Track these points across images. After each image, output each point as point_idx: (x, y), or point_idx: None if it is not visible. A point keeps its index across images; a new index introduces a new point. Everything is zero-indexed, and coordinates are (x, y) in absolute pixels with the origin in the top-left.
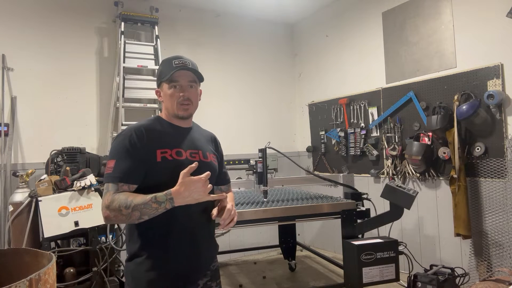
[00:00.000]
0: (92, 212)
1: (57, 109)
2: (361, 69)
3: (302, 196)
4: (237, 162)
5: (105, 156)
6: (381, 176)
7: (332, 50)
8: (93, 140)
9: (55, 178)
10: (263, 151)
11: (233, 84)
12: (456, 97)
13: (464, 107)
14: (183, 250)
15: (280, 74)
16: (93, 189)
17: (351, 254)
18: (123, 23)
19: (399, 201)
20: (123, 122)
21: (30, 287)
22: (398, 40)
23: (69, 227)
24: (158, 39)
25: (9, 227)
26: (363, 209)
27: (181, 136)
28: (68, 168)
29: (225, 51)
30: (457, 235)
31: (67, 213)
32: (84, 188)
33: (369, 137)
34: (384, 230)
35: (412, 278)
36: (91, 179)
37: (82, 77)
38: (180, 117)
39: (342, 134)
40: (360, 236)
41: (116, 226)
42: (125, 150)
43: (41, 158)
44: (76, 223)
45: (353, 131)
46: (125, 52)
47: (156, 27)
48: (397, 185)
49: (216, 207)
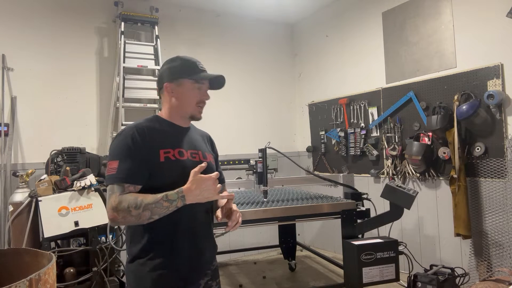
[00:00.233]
0: (92, 212)
1: (57, 109)
2: (361, 69)
3: (302, 196)
4: (237, 162)
5: (105, 156)
6: (381, 176)
7: (332, 50)
8: (93, 140)
9: (55, 178)
10: (263, 151)
11: (233, 84)
12: (456, 97)
13: (464, 107)
14: (186, 250)
15: (280, 74)
16: (93, 189)
17: (351, 254)
18: (123, 23)
19: (399, 201)
20: (123, 122)
21: (30, 287)
22: (398, 40)
23: (69, 227)
24: (158, 39)
25: (9, 227)
26: (363, 209)
27: (182, 135)
28: (68, 168)
29: (225, 51)
30: (457, 235)
31: (67, 213)
32: (84, 188)
33: (369, 137)
34: (384, 230)
35: (412, 278)
36: (91, 179)
37: (82, 77)
38: (194, 118)
39: (342, 134)
40: (360, 236)
41: (117, 227)
42: (128, 149)
43: (41, 158)
44: (76, 223)
45: (353, 131)
46: (125, 52)
47: (156, 27)
48: (397, 185)
49: (219, 209)
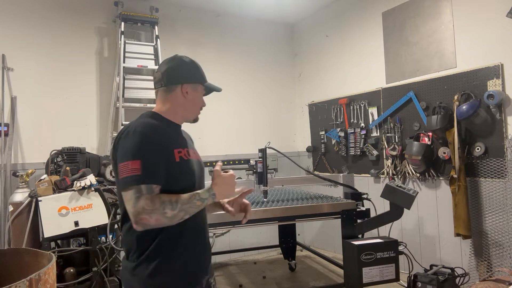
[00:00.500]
0: (92, 212)
1: (57, 109)
2: (361, 69)
3: (302, 196)
4: (237, 162)
5: (105, 156)
6: (381, 176)
7: (332, 50)
8: (93, 140)
9: (55, 178)
10: (263, 151)
11: (233, 84)
12: (456, 97)
13: (464, 107)
14: (196, 249)
15: (280, 74)
16: (93, 189)
17: (351, 254)
18: (123, 23)
19: (399, 201)
20: (123, 122)
21: (30, 287)
22: (398, 40)
23: (69, 227)
24: (158, 39)
25: (9, 227)
26: (363, 209)
27: (181, 134)
28: (68, 168)
29: (225, 51)
30: (457, 235)
31: (67, 213)
32: (84, 188)
33: (369, 137)
34: (384, 230)
35: (412, 278)
36: (91, 179)
37: (82, 77)
38: (195, 120)
39: (342, 134)
40: (360, 236)
41: (116, 226)
42: (148, 148)
43: (41, 158)
44: (76, 223)
45: (353, 131)
46: (125, 52)
47: (156, 27)
48: (397, 185)
49: (227, 205)
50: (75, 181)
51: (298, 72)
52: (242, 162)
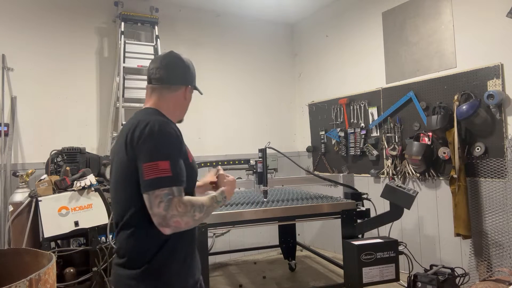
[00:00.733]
0: (92, 212)
1: (57, 109)
2: (361, 69)
3: (302, 196)
4: (237, 162)
5: (106, 156)
6: (381, 176)
7: (332, 50)
8: (93, 140)
9: (55, 178)
10: (263, 151)
11: (233, 84)
12: (456, 97)
13: (464, 107)
14: (195, 253)
15: (280, 74)
16: (93, 189)
17: (351, 254)
18: (123, 23)
19: (399, 201)
20: (123, 122)
21: (30, 287)
22: (398, 40)
23: (69, 227)
24: (158, 39)
25: (9, 227)
26: (363, 209)
27: None
28: (68, 168)
29: (225, 51)
30: (457, 235)
31: (67, 213)
32: (84, 188)
33: (369, 137)
34: (384, 230)
35: (412, 278)
36: (91, 179)
37: (82, 77)
38: (181, 121)
39: (342, 134)
40: (360, 236)
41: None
42: (175, 149)
43: (41, 158)
44: (76, 223)
45: (353, 131)
46: (125, 52)
47: (156, 27)
48: (397, 185)
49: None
50: (75, 181)
51: (298, 72)
52: (242, 162)
